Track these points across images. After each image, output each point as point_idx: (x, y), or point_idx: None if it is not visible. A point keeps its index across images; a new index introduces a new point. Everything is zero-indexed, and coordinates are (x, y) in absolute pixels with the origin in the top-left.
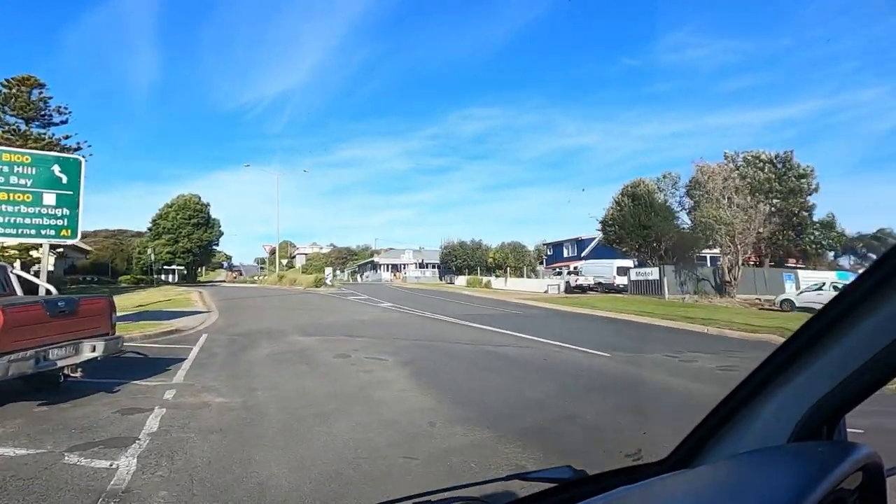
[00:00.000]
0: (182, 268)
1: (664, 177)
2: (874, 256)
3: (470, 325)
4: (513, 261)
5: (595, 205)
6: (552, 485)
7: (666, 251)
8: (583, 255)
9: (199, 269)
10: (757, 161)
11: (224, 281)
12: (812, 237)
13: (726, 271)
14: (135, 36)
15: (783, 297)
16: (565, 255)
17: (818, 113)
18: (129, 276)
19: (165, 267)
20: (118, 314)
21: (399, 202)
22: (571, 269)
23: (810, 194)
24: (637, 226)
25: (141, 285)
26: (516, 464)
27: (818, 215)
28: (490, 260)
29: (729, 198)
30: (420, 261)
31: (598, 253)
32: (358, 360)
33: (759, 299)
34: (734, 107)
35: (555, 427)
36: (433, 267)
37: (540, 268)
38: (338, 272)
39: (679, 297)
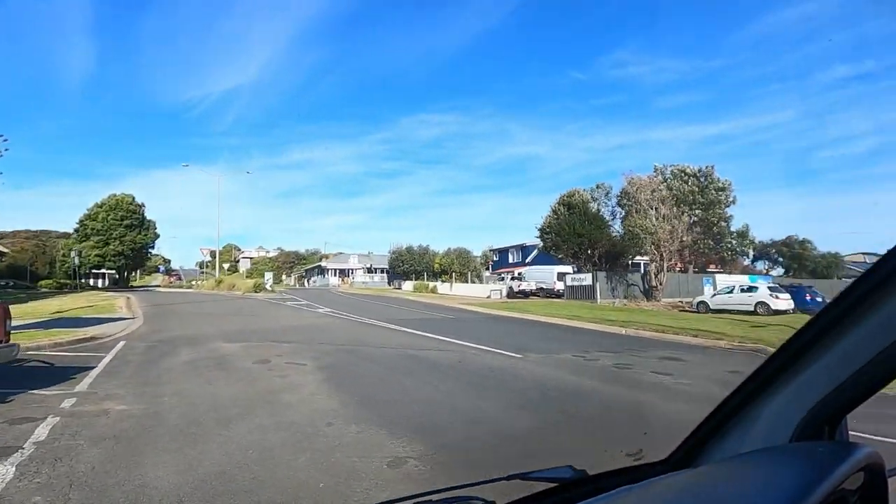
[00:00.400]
0: (113, 272)
1: (598, 187)
2: (781, 260)
3: (400, 330)
4: (458, 266)
5: (543, 212)
6: (553, 485)
7: (599, 258)
8: (527, 261)
9: (133, 274)
10: (682, 174)
11: (159, 286)
12: (729, 245)
13: (653, 277)
14: (67, 23)
15: (699, 299)
16: (511, 260)
17: (745, 130)
18: (51, 281)
19: (94, 271)
20: (30, 321)
21: (351, 206)
22: (516, 274)
23: (728, 206)
24: (572, 234)
25: (64, 290)
26: (396, 456)
27: (735, 225)
28: (436, 265)
29: (656, 208)
30: (369, 266)
31: (540, 259)
32: (277, 366)
33: (682, 302)
34: (672, 122)
35: (445, 423)
36: (382, 272)
37: (486, 273)
38: (283, 277)
39: (610, 301)
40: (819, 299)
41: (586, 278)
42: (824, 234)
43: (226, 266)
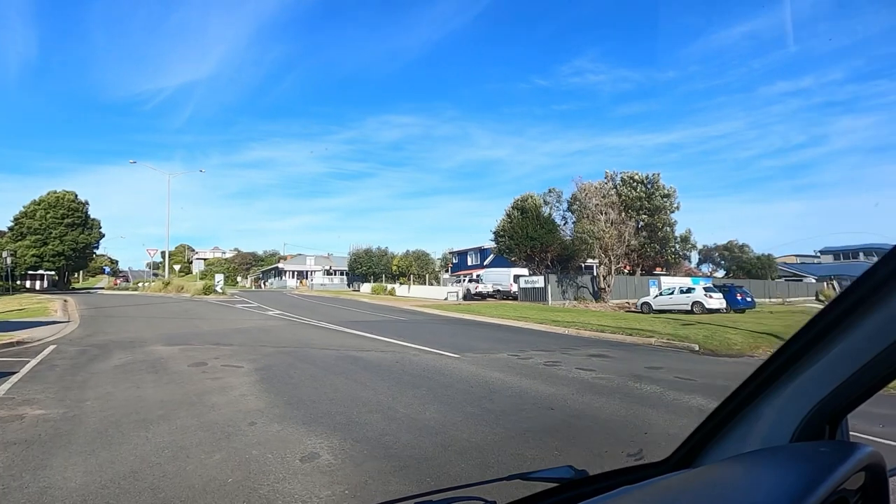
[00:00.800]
0: (52, 273)
1: (550, 192)
2: (723, 262)
3: (347, 332)
4: (416, 268)
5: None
6: (553, 485)
7: (551, 261)
8: (485, 263)
9: (75, 275)
10: (631, 181)
11: (103, 288)
12: (673, 249)
13: (601, 279)
14: (4, 5)
15: (643, 300)
16: (470, 263)
17: (695, 140)
18: None
19: (31, 272)
20: None
21: (313, 207)
22: (474, 276)
23: (672, 212)
24: (524, 237)
25: None
26: (310, 451)
27: (678, 230)
28: (394, 267)
29: (605, 213)
30: (328, 267)
31: (498, 262)
32: (213, 368)
33: (628, 303)
34: (628, 130)
35: (365, 420)
36: (342, 274)
37: (445, 275)
38: (239, 279)
39: (561, 302)
40: (749, 299)
41: (538, 281)
42: (763, 238)
43: (177, 268)
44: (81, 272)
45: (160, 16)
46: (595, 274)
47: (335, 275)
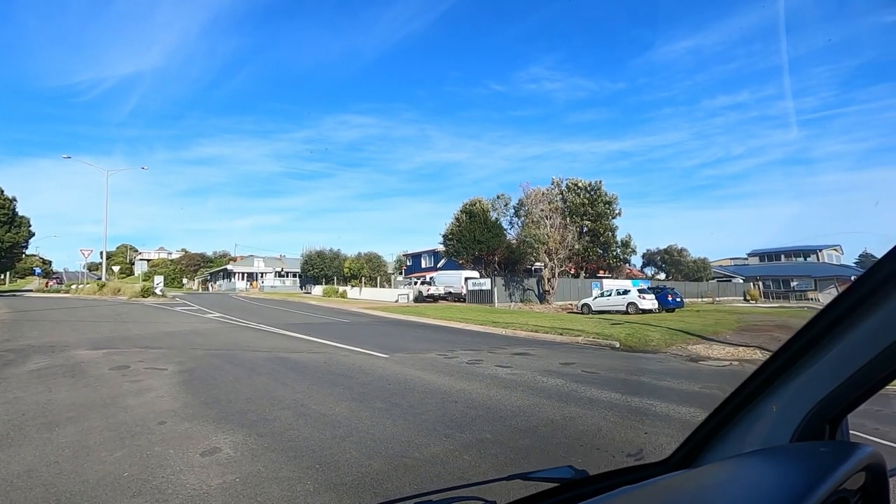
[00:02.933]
0: None
1: (498, 197)
2: (663, 266)
3: (283, 334)
4: (368, 271)
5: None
6: (554, 485)
7: (498, 264)
8: (438, 266)
9: (1, 277)
10: (576, 187)
11: (32, 290)
12: (614, 253)
13: (546, 281)
14: None
15: (584, 301)
16: (423, 265)
17: (644, 148)
18: None
19: None
20: None
21: (268, 206)
22: (427, 279)
23: (614, 217)
24: (472, 240)
25: None
26: (213, 447)
27: (621, 234)
28: (346, 270)
29: (549, 218)
30: (280, 269)
31: (450, 265)
32: (134, 371)
33: (571, 304)
34: (581, 136)
35: (275, 416)
36: (294, 276)
37: (399, 278)
38: (185, 281)
39: (507, 304)
40: (678, 299)
41: (486, 283)
42: (701, 242)
43: (117, 269)
44: (8, 273)
45: (101, 1)
46: (539, 276)
47: (287, 277)
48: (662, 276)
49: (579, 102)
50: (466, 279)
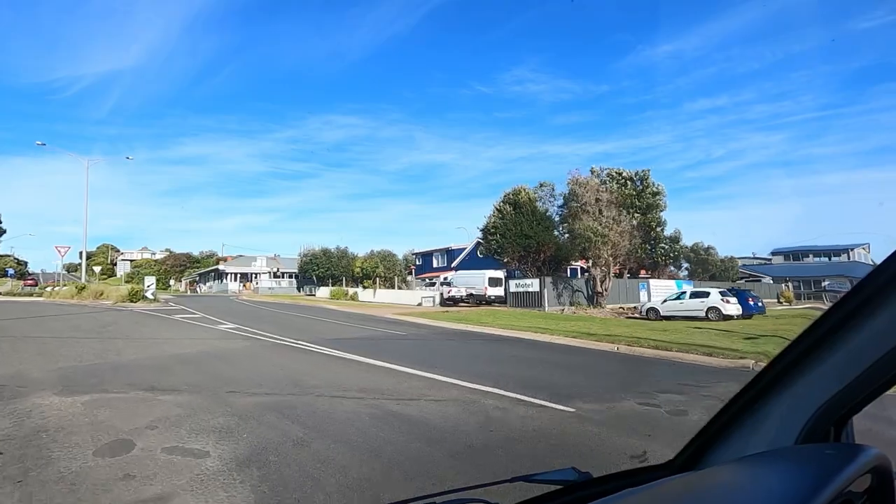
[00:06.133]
0: None
1: (541, 185)
2: (688, 265)
3: (343, 357)
4: (383, 270)
5: (454, 218)
6: (557, 487)
7: (543, 262)
8: (453, 265)
9: None
10: (619, 177)
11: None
12: (662, 250)
13: (597, 282)
14: None
15: (649, 305)
16: (435, 265)
17: (628, 150)
18: None
19: None
20: None
21: (254, 206)
22: (443, 279)
23: (662, 210)
24: (520, 235)
25: None
26: None
27: (667, 230)
28: (357, 269)
29: (600, 210)
30: (275, 269)
31: (467, 264)
32: (146, 459)
33: (623, 308)
34: (566, 138)
35: None
36: (290, 277)
37: (409, 278)
38: (172, 282)
39: (557, 308)
40: (759, 303)
41: (532, 284)
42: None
43: (98, 269)
44: None
45: None
46: (590, 277)
47: (282, 277)
48: (683, 275)
49: (564, 105)
50: (491, 279)
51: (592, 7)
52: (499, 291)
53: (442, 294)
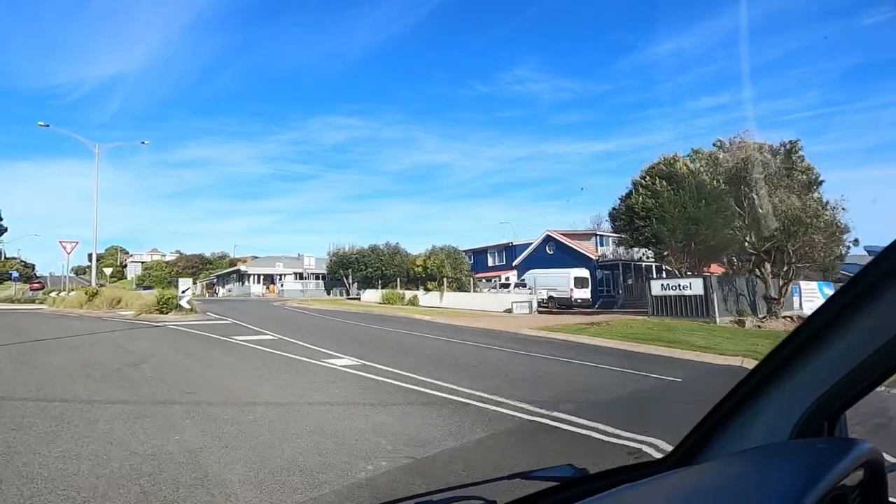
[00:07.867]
0: None
1: (695, 152)
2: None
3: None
4: (450, 270)
5: (455, 218)
6: (554, 483)
7: (700, 257)
8: (514, 263)
9: None
10: (762, 150)
11: None
12: (821, 242)
13: (769, 284)
14: None
15: None
16: (490, 263)
17: (629, 149)
18: None
19: None
20: None
21: (257, 208)
22: (511, 279)
23: (818, 188)
24: (684, 219)
25: None
26: None
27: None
28: (417, 268)
29: (779, 187)
30: (300, 271)
31: (533, 261)
32: None
33: (799, 318)
34: (567, 138)
35: None
36: (317, 278)
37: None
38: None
39: (729, 319)
40: None
41: (691, 285)
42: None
43: (108, 271)
44: None
45: (81, 1)
46: (763, 277)
47: (309, 279)
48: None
49: (564, 104)
50: (577, 279)
51: (591, 6)
52: (585, 294)
53: (539, 299)
